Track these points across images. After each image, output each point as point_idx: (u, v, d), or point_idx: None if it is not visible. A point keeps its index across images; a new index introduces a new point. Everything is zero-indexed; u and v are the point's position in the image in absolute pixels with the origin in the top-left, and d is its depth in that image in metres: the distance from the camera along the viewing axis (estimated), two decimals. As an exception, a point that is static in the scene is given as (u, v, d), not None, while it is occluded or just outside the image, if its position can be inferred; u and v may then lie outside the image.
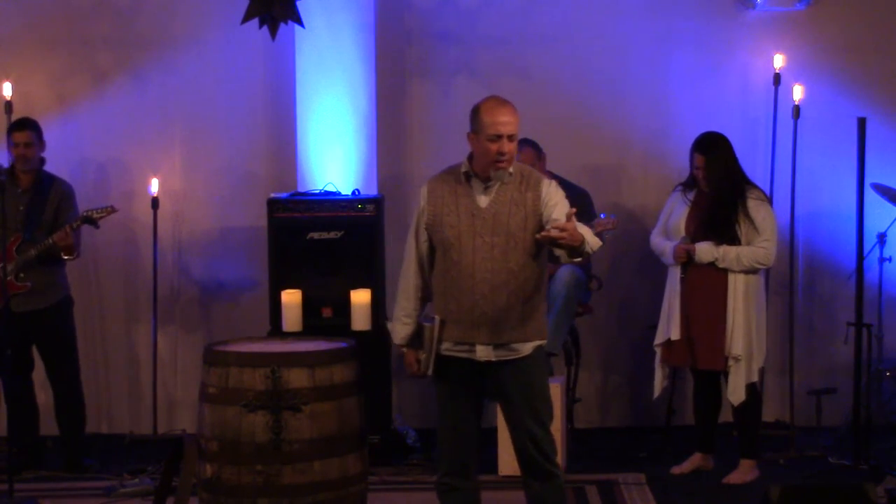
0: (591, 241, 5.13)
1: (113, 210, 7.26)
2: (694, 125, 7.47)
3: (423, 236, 5.36)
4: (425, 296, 5.42)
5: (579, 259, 5.17)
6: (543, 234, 5.01)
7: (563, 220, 5.07)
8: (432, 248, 5.35)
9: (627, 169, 8.19)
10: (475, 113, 5.25)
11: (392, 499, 6.75)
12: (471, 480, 5.42)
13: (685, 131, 7.92)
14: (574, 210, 5.08)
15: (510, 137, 5.19)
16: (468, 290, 5.21)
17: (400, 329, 5.45)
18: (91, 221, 7.19)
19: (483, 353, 5.25)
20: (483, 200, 5.25)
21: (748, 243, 6.85)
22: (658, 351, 7.07)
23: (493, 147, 5.18)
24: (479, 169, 5.26)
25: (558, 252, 5.16)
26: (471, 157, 5.30)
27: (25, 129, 7.24)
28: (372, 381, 6.49)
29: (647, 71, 8.14)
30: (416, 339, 5.39)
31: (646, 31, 8.13)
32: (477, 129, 5.22)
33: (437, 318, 5.28)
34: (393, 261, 7.57)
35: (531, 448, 5.30)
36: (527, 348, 5.29)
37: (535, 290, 5.27)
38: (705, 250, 6.86)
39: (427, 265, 5.38)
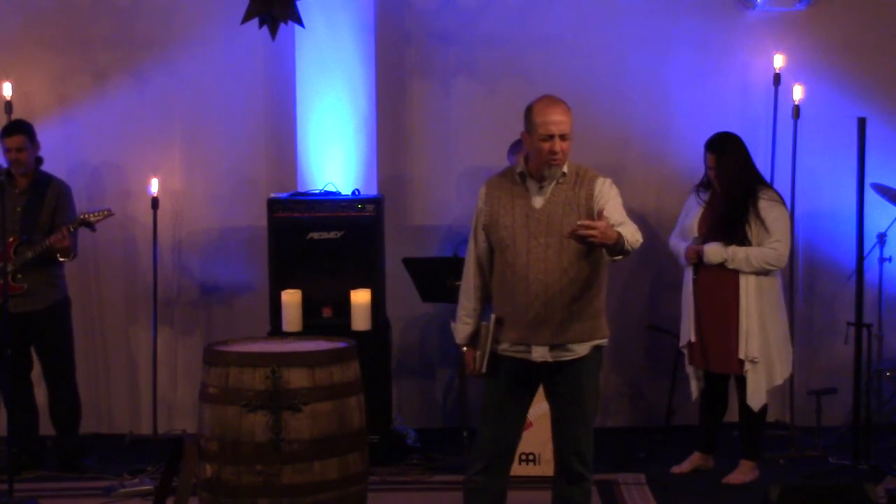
0: (632, 238, 5.12)
1: (109, 213, 7.25)
2: (694, 125, 7.48)
3: (482, 237, 5.38)
4: (485, 296, 5.43)
5: (620, 257, 5.15)
6: (569, 230, 5.02)
7: (612, 216, 5.08)
8: (491, 249, 5.36)
9: (627, 169, 8.18)
10: (528, 113, 5.28)
11: (392, 499, 6.75)
12: (500, 482, 5.41)
13: (685, 131, 7.95)
14: (602, 207, 5.09)
15: (562, 136, 5.22)
16: (523, 291, 5.22)
17: (461, 328, 5.47)
18: (88, 224, 7.18)
19: (539, 353, 5.26)
20: (538, 201, 5.26)
21: (759, 244, 6.82)
22: (685, 353, 7.05)
23: (546, 146, 5.20)
24: (534, 169, 5.28)
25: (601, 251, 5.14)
26: (526, 158, 5.32)
27: (16, 133, 7.20)
28: (372, 381, 6.49)
29: (647, 71, 8.14)
30: (476, 338, 5.41)
31: (646, 32, 8.13)
32: (530, 129, 5.26)
33: (493, 316, 5.29)
34: (393, 261, 7.59)
35: (571, 449, 5.32)
36: (584, 348, 5.29)
37: (591, 290, 5.26)
38: (714, 251, 6.83)
39: (487, 265, 5.39)
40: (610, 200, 5.23)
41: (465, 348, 5.49)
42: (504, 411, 5.36)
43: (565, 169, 5.27)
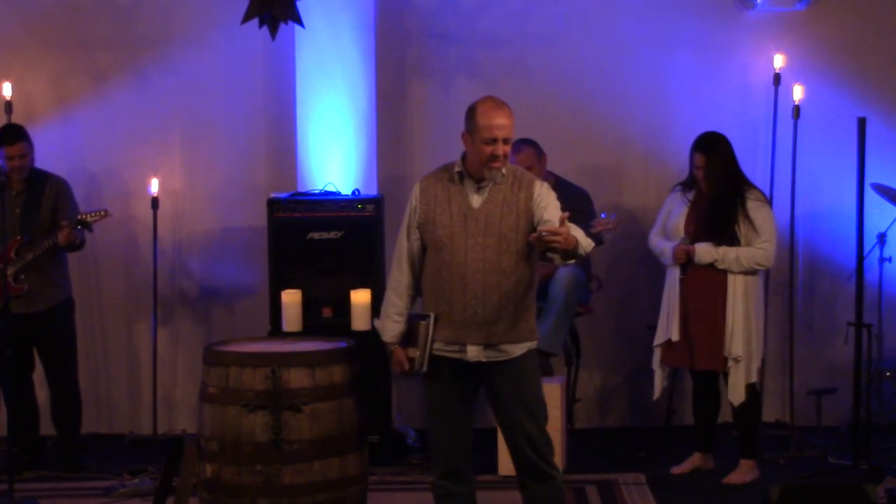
0: (584, 242, 5.12)
1: (106, 214, 7.23)
2: (694, 125, 7.47)
3: (415, 234, 5.35)
4: (415, 293, 5.42)
5: (572, 261, 5.17)
6: (534, 236, 5.01)
7: (554, 221, 5.05)
8: (424, 247, 5.34)
9: (627, 169, 8.19)
10: (470, 113, 5.24)
11: (392, 499, 6.75)
12: (466, 484, 5.39)
13: (685, 131, 7.92)
14: (567, 214, 5.06)
15: (505, 140, 5.19)
16: (460, 291, 5.21)
17: (391, 327, 5.43)
18: (84, 224, 7.16)
19: (473, 353, 5.25)
20: (476, 200, 5.25)
21: (747, 244, 6.85)
22: (657, 351, 7.07)
23: (488, 149, 5.18)
24: (473, 169, 5.26)
25: (551, 255, 5.14)
26: (464, 157, 5.30)
27: (18, 141, 7.13)
28: (372, 381, 6.49)
29: (647, 71, 8.14)
30: (406, 336, 5.38)
31: (646, 31, 8.12)
32: (472, 130, 5.22)
33: (432, 315, 5.27)
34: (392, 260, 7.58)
35: (528, 449, 5.29)
36: (518, 350, 5.28)
37: (527, 292, 5.26)
38: (705, 251, 6.86)
39: (418, 263, 5.37)
40: (550, 205, 5.22)
41: (394, 347, 5.43)
42: (450, 410, 5.34)
43: (504, 170, 5.25)
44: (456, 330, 5.24)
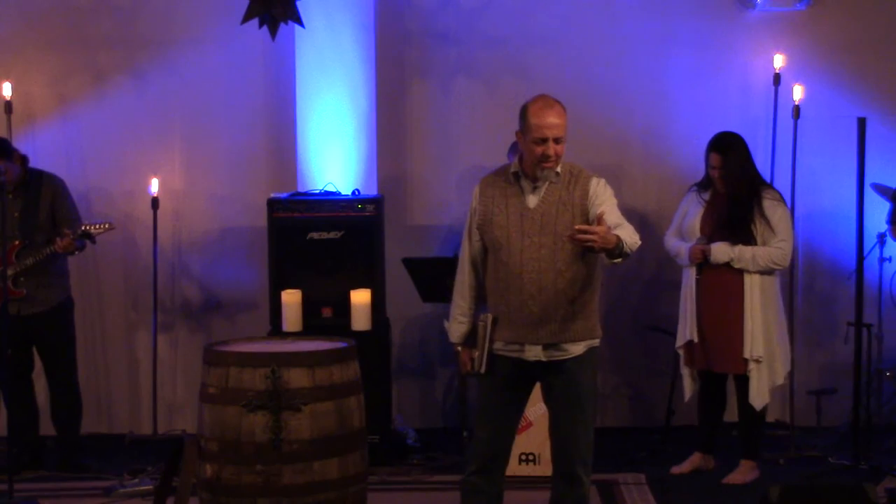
0: (630, 240, 5.07)
1: (111, 227, 7.20)
2: (694, 125, 7.48)
3: (476, 236, 5.36)
4: (480, 295, 5.41)
5: (619, 260, 5.11)
6: (569, 235, 5.00)
7: (608, 217, 5.04)
8: (485, 248, 5.34)
9: (627, 169, 8.19)
10: (523, 113, 5.24)
11: (392, 499, 6.75)
12: (496, 485, 5.39)
13: (685, 131, 7.95)
14: (602, 212, 5.05)
15: (556, 140, 5.18)
16: (517, 291, 5.21)
17: (456, 328, 5.45)
18: (88, 236, 7.14)
19: (532, 353, 5.25)
20: (532, 200, 5.25)
21: (764, 243, 6.82)
22: (681, 353, 7.04)
23: (539, 149, 5.18)
24: (528, 169, 5.26)
25: (600, 254, 5.10)
26: (521, 157, 5.30)
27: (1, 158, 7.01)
28: (372, 381, 6.49)
29: (647, 71, 8.14)
30: (471, 337, 5.39)
31: (646, 31, 8.12)
32: (524, 130, 5.23)
33: (490, 315, 5.27)
34: (393, 261, 7.59)
35: (571, 449, 5.29)
36: (577, 348, 5.28)
37: (585, 290, 5.25)
38: (721, 250, 6.83)
39: (481, 265, 5.38)
40: (606, 202, 5.20)
41: (459, 348, 5.47)
42: (500, 411, 5.35)
43: (559, 169, 5.25)
44: (515, 330, 5.25)
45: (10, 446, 6.86)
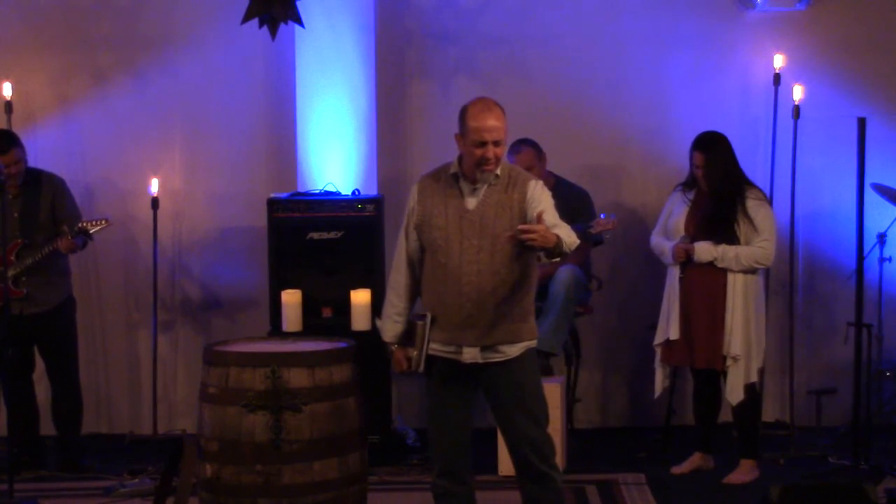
0: (569, 240, 5.09)
1: (107, 223, 7.21)
2: (694, 125, 7.46)
3: (413, 236, 5.35)
4: (415, 294, 5.41)
5: (557, 259, 5.15)
6: (509, 234, 5.01)
7: (546, 218, 5.03)
8: (422, 248, 5.33)
9: (627, 169, 8.19)
10: (462, 115, 5.23)
11: (392, 499, 6.75)
12: (465, 484, 5.38)
13: (685, 131, 7.92)
14: (542, 211, 5.04)
15: (496, 143, 5.17)
16: (454, 293, 5.20)
17: (391, 327, 5.43)
18: (85, 233, 7.13)
19: (469, 354, 5.24)
20: (471, 202, 5.24)
21: (747, 243, 6.85)
22: (658, 351, 7.07)
23: (478, 152, 5.16)
24: (467, 170, 5.25)
25: (537, 253, 5.12)
26: (460, 158, 5.29)
27: (10, 149, 7.05)
28: (372, 381, 6.50)
29: (647, 71, 8.14)
30: (406, 337, 5.38)
31: (646, 31, 8.12)
32: (463, 132, 5.22)
33: (428, 315, 5.26)
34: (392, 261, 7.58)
35: (527, 449, 5.27)
36: (515, 350, 5.27)
37: (523, 292, 5.25)
38: (704, 249, 6.86)
39: (417, 264, 5.37)
40: (543, 203, 5.19)
41: (394, 347, 5.43)
42: (447, 410, 5.34)
43: (498, 171, 5.23)
44: (452, 331, 5.24)
45: (10, 446, 6.86)
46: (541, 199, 5.22)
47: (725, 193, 6.88)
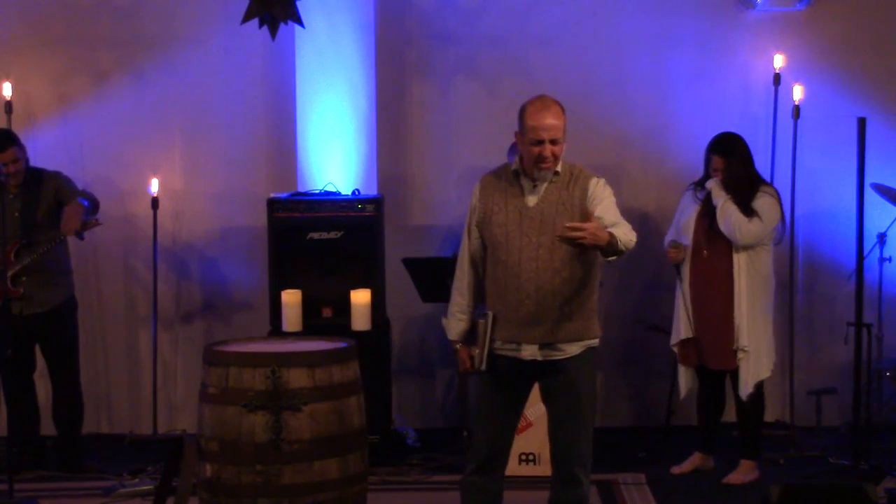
0: (625, 239, 5.08)
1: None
2: (694, 125, 7.48)
3: (475, 233, 5.36)
4: (479, 292, 5.41)
5: (614, 257, 5.12)
6: (559, 232, 5.01)
7: (605, 217, 5.06)
8: (485, 245, 5.34)
9: (627, 169, 8.19)
10: (521, 113, 5.24)
11: (392, 499, 6.75)
12: (496, 483, 5.39)
13: (685, 131, 7.95)
14: (594, 210, 5.07)
15: (553, 141, 5.18)
16: (514, 290, 5.20)
17: (454, 325, 5.44)
18: (75, 233, 7.13)
19: (529, 352, 5.24)
20: (531, 199, 5.24)
21: None
22: (676, 351, 7.06)
23: (535, 150, 5.18)
24: (527, 168, 5.26)
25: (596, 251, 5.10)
26: (521, 156, 5.30)
27: (8, 148, 7.06)
28: (372, 381, 6.49)
29: (647, 71, 8.14)
30: (469, 335, 5.38)
31: (646, 31, 8.13)
32: (522, 131, 5.24)
33: (490, 313, 5.27)
34: (393, 261, 7.59)
35: (569, 452, 5.28)
36: (574, 348, 5.27)
37: (582, 290, 5.23)
38: (717, 191, 6.84)
39: (480, 262, 5.38)
40: (604, 201, 5.20)
41: (458, 345, 5.45)
42: (498, 410, 5.35)
43: (559, 168, 5.25)
44: (512, 329, 5.24)
45: (10, 446, 6.86)
46: (602, 196, 5.22)
47: (745, 194, 6.86)
